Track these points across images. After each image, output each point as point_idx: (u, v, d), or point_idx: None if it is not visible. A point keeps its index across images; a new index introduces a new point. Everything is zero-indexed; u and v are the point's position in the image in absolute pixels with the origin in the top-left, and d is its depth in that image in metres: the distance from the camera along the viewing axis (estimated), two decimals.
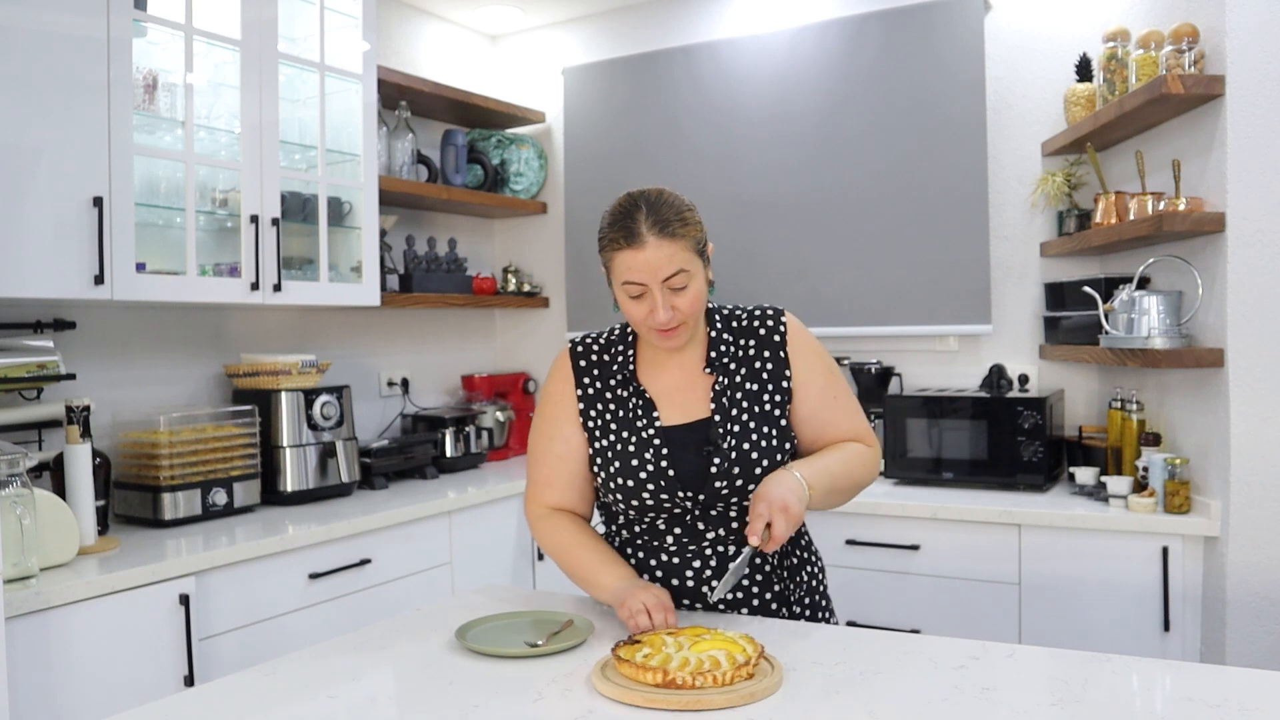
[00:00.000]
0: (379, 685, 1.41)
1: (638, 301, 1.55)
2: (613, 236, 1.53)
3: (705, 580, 1.63)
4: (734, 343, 1.67)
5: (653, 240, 1.50)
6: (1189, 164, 2.51)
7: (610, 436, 1.65)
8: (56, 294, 2.24)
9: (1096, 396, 3.11)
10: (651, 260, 1.50)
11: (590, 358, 1.71)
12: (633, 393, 1.66)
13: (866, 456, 1.68)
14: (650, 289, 1.53)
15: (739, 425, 1.61)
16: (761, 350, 1.66)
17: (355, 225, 3.09)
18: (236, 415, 2.75)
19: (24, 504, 2.01)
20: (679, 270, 1.52)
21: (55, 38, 2.21)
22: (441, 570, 2.93)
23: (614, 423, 1.66)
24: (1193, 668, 1.39)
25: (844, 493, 1.64)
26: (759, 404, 1.63)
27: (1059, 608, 2.57)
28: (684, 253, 1.52)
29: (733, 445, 1.59)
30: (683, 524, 1.63)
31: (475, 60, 4.13)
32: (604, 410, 1.67)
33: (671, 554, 1.64)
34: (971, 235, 3.21)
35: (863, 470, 1.67)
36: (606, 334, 1.74)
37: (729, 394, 1.64)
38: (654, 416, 1.64)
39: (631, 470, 1.61)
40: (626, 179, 3.81)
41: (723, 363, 1.65)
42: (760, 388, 1.64)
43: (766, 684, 1.28)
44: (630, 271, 1.52)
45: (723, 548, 1.63)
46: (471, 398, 3.87)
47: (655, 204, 1.53)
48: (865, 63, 3.36)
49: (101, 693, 2.04)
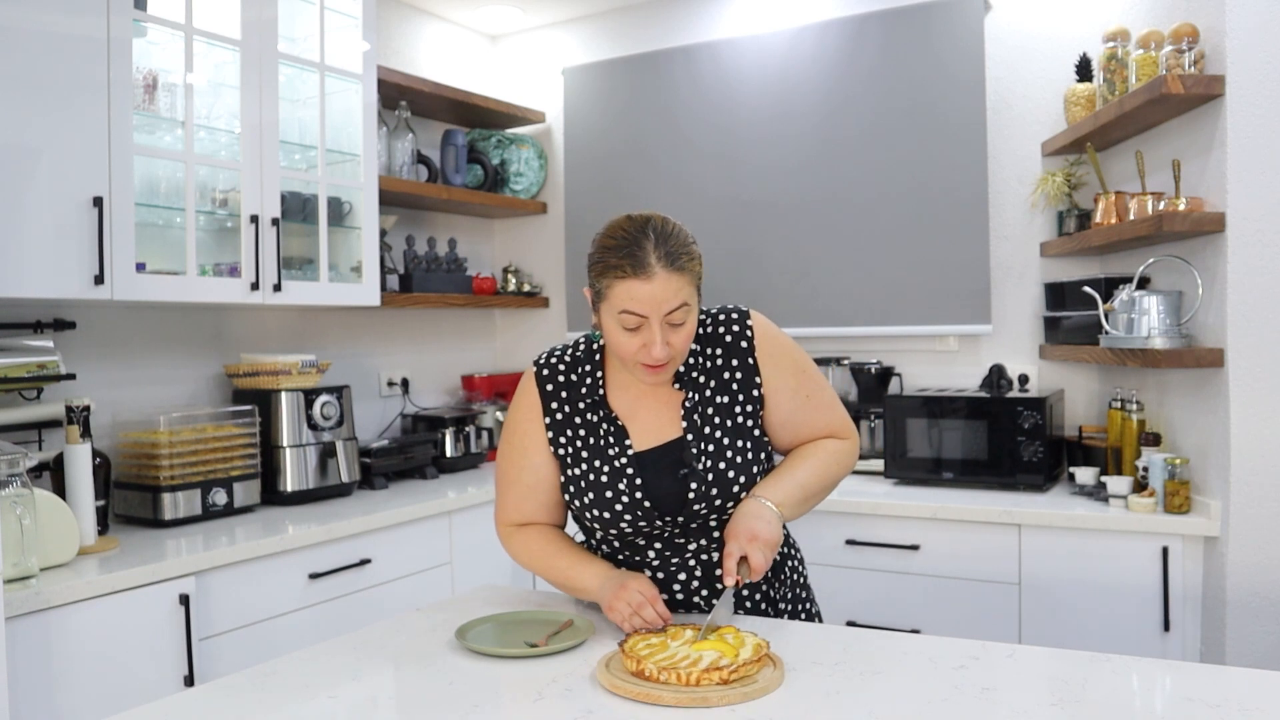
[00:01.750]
0: (379, 685, 1.41)
1: (632, 334, 1.47)
2: (616, 263, 1.45)
3: (693, 590, 1.61)
4: (701, 353, 1.61)
5: (661, 272, 1.44)
6: (1189, 164, 2.51)
7: (582, 465, 1.60)
8: (56, 294, 2.24)
9: (1096, 396, 3.11)
10: (658, 293, 1.44)
11: (557, 379, 1.64)
12: (603, 418, 1.60)
13: (841, 453, 1.66)
14: (649, 322, 1.46)
15: (712, 444, 1.57)
16: (730, 359, 1.61)
17: (355, 225, 3.09)
18: (236, 415, 2.75)
19: (24, 504, 2.01)
20: (682, 304, 1.46)
21: (55, 38, 2.21)
22: (441, 570, 2.93)
23: (585, 450, 1.61)
24: (1193, 668, 1.39)
25: (819, 495, 1.64)
26: (730, 417, 1.59)
27: (1059, 608, 2.57)
28: (688, 287, 1.48)
29: (708, 466, 1.56)
30: (662, 539, 1.61)
31: (475, 60, 4.13)
32: (574, 437, 1.62)
33: (655, 568, 1.62)
34: (971, 235, 3.21)
35: (838, 467, 1.65)
36: (572, 350, 1.66)
37: (700, 410, 1.59)
38: (626, 445, 1.58)
39: (606, 502, 1.57)
40: (626, 179, 3.81)
41: (692, 376, 1.60)
42: (731, 400, 1.60)
43: (766, 683, 1.28)
44: (632, 301, 1.44)
45: (705, 556, 1.61)
46: (471, 398, 3.87)
47: (664, 234, 1.47)
48: (865, 63, 3.36)
49: (101, 693, 2.04)
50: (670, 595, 1.62)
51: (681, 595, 1.62)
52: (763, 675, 1.31)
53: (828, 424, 1.66)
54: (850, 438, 1.69)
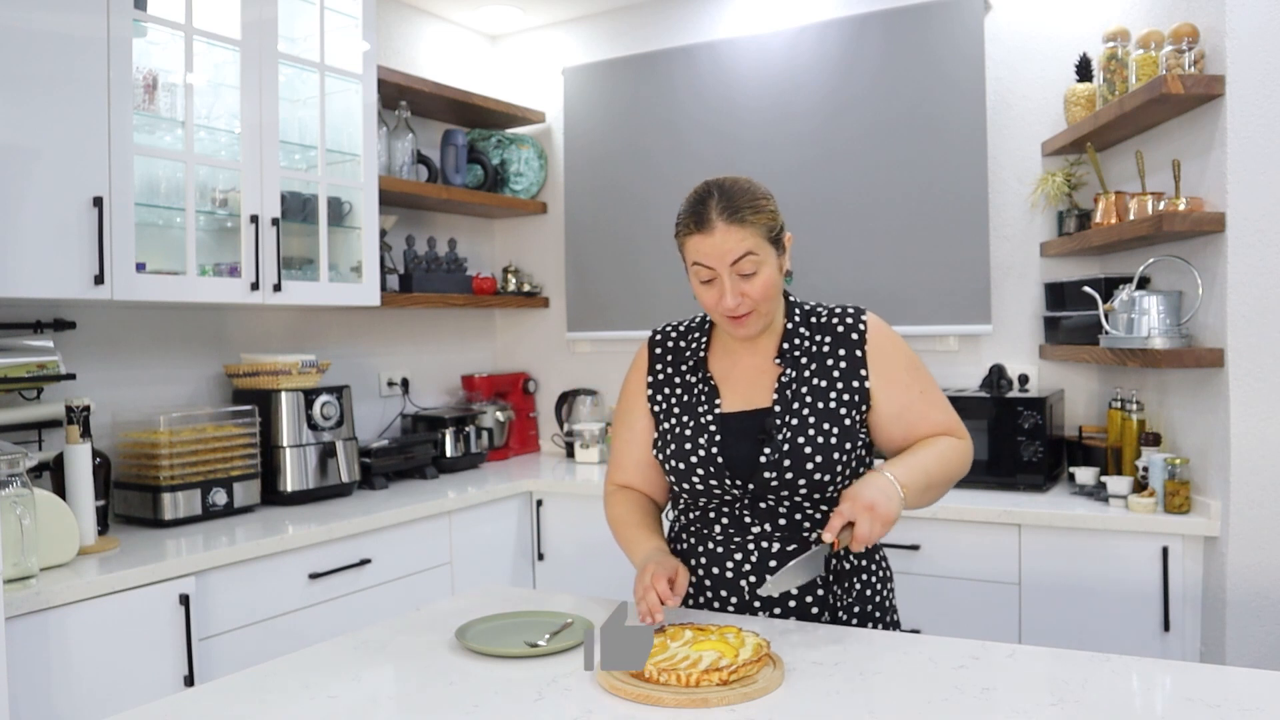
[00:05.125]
0: (379, 685, 1.41)
1: (708, 286, 1.57)
2: (685, 221, 1.57)
3: (744, 574, 1.62)
4: (809, 337, 1.67)
5: (721, 225, 1.53)
6: (1189, 164, 2.51)
7: (672, 419, 1.69)
8: (56, 294, 2.24)
9: (1096, 396, 3.11)
10: (719, 245, 1.53)
11: (667, 344, 1.76)
12: (700, 379, 1.69)
13: (960, 449, 1.66)
14: (719, 274, 1.55)
15: (797, 419, 1.60)
16: (837, 348, 1.65)
17: (355, 225, 3.09)
18: (236, 415, 2.75)
19: (24, 504, 2.01)
20: (746, 254, 1.53)
21: (55, 37, 2.21)
22: (441, 570, 2.93)
23: (677, 406, 1.69)
24: (1193, 668, 1.39)
25: (939, 487, 1.62)
26: (824, 399, 1.62)
27: (1059, 608, 2.57)
28: (753, 238, 1.54)
29: (787, 437, 1.58)
30: (731, 514, 1.63)
31: (475, 60, 4.13)
32: (670, 394, 1.72)
33: (717, 543, 1.64)
34: (971, 235, 3.21)
35: (958, 463, 1.65)
36: (688, 322, 1.78)
37: (793, 386, 1.63)
38: (715, 403, 1.65)
39: (684, 454, 1.63)
40: (626, 179, 3.81)
41: (793, 355, 1.65)
42: (829, 384, 1.63)
43: (766, 683, 1.28)
44: (699, 255, 1.55)
45: (767, 543, 1.61)
46: (471, 398, 3.87)
47: (728, 191, 1.55)
48: (865, 63, 3.36)
49: (101, 693, 2.04)
50: (720, 571, 1.63)
51: (731, 575, 1.62)
52: (763, 675, 1.31)
53: (943, 422, 1.67)
54: (966, 438, 1.69)
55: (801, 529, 1.61)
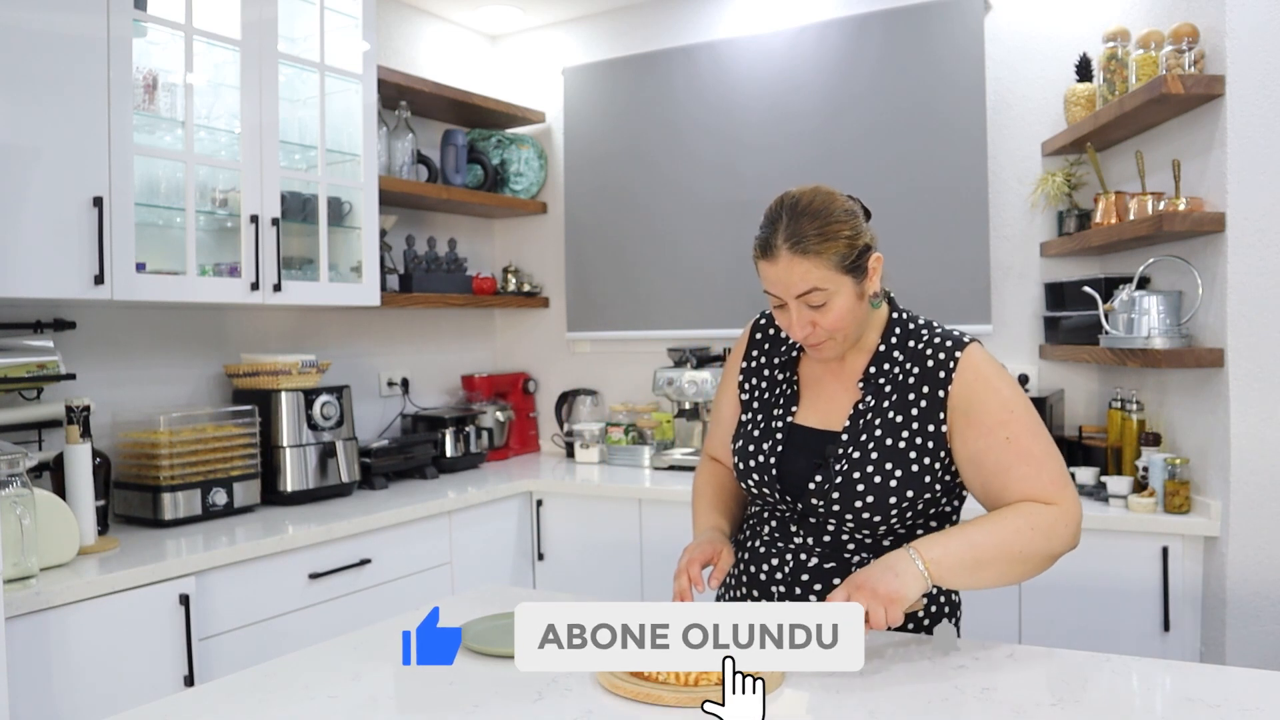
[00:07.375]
0: (379, 685, 1.41)
1: (781, 310, 1.50)
2: (757, 241, 1.48)
3: (777, 580, 1.56)
4: (900, 363, 1.53)
5: (785, 256, 1.43)
6: (1189, 164, 2.51)
7: (749, 413, 1.66)
8: (56, 294, 2.24)
9: (1096, 396, 3.11)
10: (783, 277, 1.45)
11: (769, 331, 1.71)
12: (786, 379, 1.64)
13: (1041, 518, 1.39)
14: (787, 302, 1.47)
15: (860, 451, 1.49)
16: (921, 384, 1.50)
17: (355, 225, 3.09)
18: (236, 415, 2.75)
19: (24, 504, 2.01)
20: (812, 289, 1.43)
21: (55, 37, 2.20)
22: (441, 570, 2.93)
23: (756, 403, 1.66)
24: (1193, 668, 1.39)
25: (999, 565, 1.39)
26: (895, 436, 1.49)
27: (1059, 608, 2.57)
28: (819, 270, 1.43)
29: (843, 470, 1.49)
30: (780, 519, 1.59)
31: (475, 60, 4.13)
32: (756, 385, 1.68)
33: (763, 541, 1.60)
34: (971, 235, 3.20)
35: (1031, 533, 1.38)
36: None
37: (868, 416, 1.52)
38: (792, 410, 1.60)
39: (748, 454, 1.61)
40: (626, 179, 3.81)
41: (877, 382, 1.53)
42: (905, 422, 1.49)
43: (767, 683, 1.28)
44: (766, 281, 1.48)
45: (805, 556, 1.54)
46: (471, 398, 3.87)
47: (798, 213, 1.45)
48: (865, 63, 3.36)
49: (101, 693, 2.04)
50: (757, 571, 1.59)
51: (764, 579, 1.58)
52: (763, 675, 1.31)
53: (1032, 477, 1.43)
54: (1058, 502, 1.42)
55: (845, 549, 1.53)
